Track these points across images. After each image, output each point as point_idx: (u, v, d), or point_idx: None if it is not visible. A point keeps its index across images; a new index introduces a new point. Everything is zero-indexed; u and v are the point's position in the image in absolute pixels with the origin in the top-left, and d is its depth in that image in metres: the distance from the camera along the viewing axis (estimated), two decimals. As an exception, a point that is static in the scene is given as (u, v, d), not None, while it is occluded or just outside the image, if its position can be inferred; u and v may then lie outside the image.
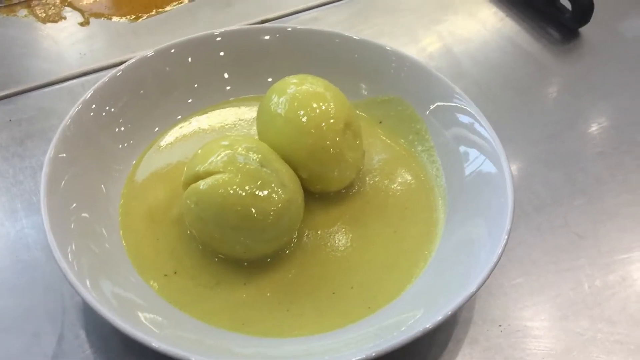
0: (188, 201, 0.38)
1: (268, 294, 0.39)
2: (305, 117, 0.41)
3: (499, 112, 0.52)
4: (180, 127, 0.47)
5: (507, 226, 0.37)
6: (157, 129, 0.46)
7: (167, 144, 0.46)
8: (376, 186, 0.45)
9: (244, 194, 0.37)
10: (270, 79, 0.47)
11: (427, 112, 0.46)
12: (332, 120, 0.41)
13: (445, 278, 0.38)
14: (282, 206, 0.38)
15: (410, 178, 0.45)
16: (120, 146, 0.44)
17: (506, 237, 0.37)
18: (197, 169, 0.39)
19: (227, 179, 0.37)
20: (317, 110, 0.41)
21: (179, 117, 0.47)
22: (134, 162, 0.44)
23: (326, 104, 0.41)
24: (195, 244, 0.40)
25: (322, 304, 0.38)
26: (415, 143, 0.47)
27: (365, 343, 0.35)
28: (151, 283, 0.38)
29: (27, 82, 0.53)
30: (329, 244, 0.41)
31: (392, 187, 0.45)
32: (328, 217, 0.43)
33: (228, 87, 0.49)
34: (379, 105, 0.49)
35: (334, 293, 0.39)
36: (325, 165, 0.41)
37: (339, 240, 0.41)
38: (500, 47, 0.59)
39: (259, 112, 0.44)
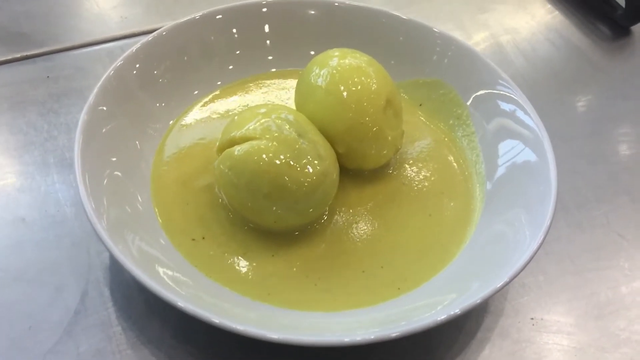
0: (222, 166, 0.38)
1: (295, 268, 0.38)
2: (346, 91, 0.40)
3: (543, 105, 0.50)
4: (219, 93, 0.47)
5: (548, 220, 0.36)
6: (196, 92, 0.46)
7: (205, 109, 0.45)
8: (413, 168, 0.44)
9: (278, 162, 0.36)
10: (312, 52, 0.47)
11: (471, 98, 0.45)
12: (373, 96, 0.40)
13: (478, 266, 0.37)
14: (316, 179, 0.37)
15: (448, 163, 0.44)
16: (159, 105, 0.44)
17: (546, 230, 0.35)
18: (233, 134, 0.38)
19: (262, 145, 0.36)
20: (359, 85, 0.40)
21: (219, 82, 0.47)
22: (171, 122, 0.44)
23: (369, 79, 0.40)
24: (225, 212, 0.39)
25: (351, 281, 0.37)
26: (456, 128, 0.45)
27: (390, 324, 0.34)
28: (179, 246, 0.38)
29: (67, 41, 0.53)
30: (360, 222, 0.40)
31: (429, 170, 0.43)
32: (361, 195, 0.42)
33: (270, 57, 0.48)
34: (420, 87, 0.48)
35: (363, 271, 0.38)
36: (363, 142, 0.40)
37: (371, 219, 0.40)
38: (548, 39, 0.57)
39: (298, 83, 0.43)
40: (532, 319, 0.38)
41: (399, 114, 0.42)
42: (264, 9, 0.48)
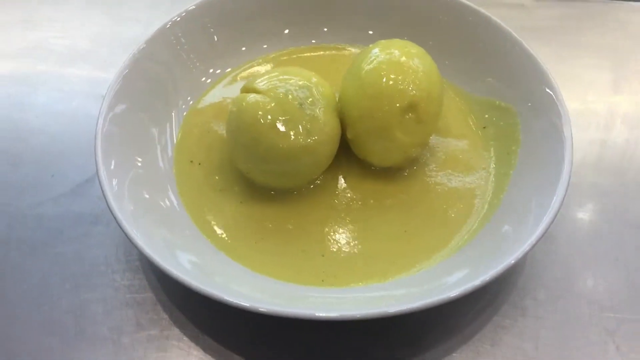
0: (234, 103, 0.40)
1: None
2: (372, 81, 0.39)
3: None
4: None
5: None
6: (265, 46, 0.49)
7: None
8: (426, 184, 0.41)
9: (262, 121, 0.38)
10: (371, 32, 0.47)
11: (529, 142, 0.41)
12: (395, 95, 0.38)
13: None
14: (293, 149, 0.38)
15: (467, 193, 0.41)
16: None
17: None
18: (255, 82, 0.40)
19: (261, 102, 0.38)
20: (386, 80, 0.38)
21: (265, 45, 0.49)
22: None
23: (400, 77, 0.38)
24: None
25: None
26: (498, 162, 0.42)
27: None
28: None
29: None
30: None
31: (441, 193, 0.41)
32: (360, 186, 0.41)
33: (325, 29, 0.49)
34: (494, 109, 0.44)
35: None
36: (369, 135, 0.39)
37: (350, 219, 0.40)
38: None
39: (354, 59, 0.43)
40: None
41: (425, 123, 0.39)
42: None
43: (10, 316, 0.38)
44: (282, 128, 0.38)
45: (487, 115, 0.44)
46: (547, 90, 0.40)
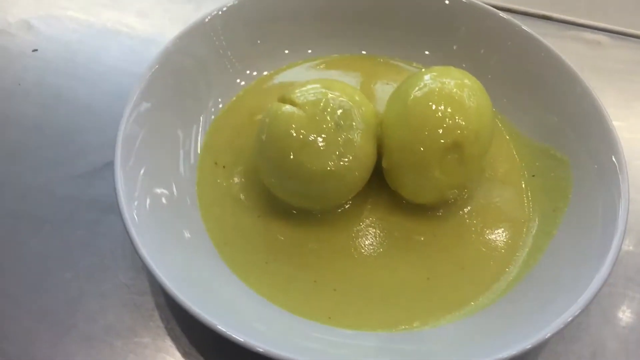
0: (267, 112, 0.37)
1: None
2: (419, 112, 0.36)
3: None
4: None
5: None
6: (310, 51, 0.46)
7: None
8: (459, 229, 0.38)
9: (295, 137, 0.35)
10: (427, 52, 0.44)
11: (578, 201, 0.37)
12: (439, 131, 0.35)
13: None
14: (321, 171, 0.35)
15: (500, 248, 0.37)
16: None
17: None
18: (293, 93, 0.37)
19: (296, 115, 0.36)
20: (433, 113, 0.35)
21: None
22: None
23: (449, 112, 0.35)
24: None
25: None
26: (543, 218, 0.38)
27: None
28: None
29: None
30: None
31: (480, 239, 0.38)
32: (397, 220, 0.38)
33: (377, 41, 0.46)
34: (547, 157, 0.40)
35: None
36: (404, 168, 0.36)
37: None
38: None
39: (403, 82, 0.39)
40: None
41: (467, 165, 0.36)
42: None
43: (4, 295, 0.37)
44: (312, 147, 0.35)
45: (538, 163, 0.40)
46: (613, 158, 0.36)
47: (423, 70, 0.38)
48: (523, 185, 0.40)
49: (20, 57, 0.48)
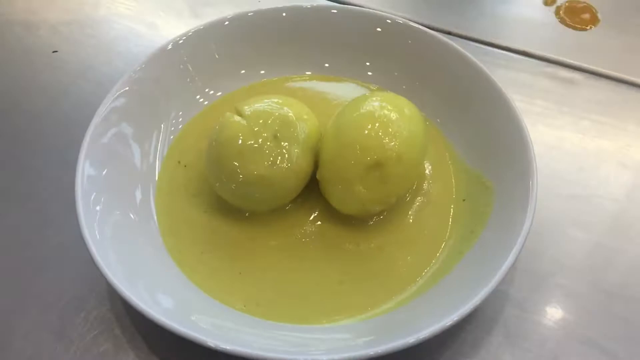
0: (219, 122, 0.42)
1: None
2: (348, 129, 0.40)
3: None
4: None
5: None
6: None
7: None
8: (387, 239, 0.41)
9: (232, 143, 0.39)
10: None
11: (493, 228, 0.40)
12: (362, 149, 0.39)
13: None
14: (255, 177, 0.39)
15: (420, 259, 0.40)
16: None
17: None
18: (244, 106, 0.41)
19: (238, 124, 0.40)
20: (360, 132, 0.39)
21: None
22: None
23: (375, 134, 0.39)
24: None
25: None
26: (459, 240, 0.41)
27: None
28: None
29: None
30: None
31: (398, 254, 0.41)
32: (330, 226, 0.42)
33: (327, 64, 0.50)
34: (479, 185, 0.43)
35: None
36: (332, 180, 0.40)
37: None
38: None
39: (349, 102, 0.43)
40: None
41: (388, 185, 0.39)
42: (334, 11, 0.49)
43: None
44: (246, 153, 0.39)
45: (470, 188, 0.43)
46: (530, 183, 0.39)
47: (367, 94, 0.42)
48: (452, 207, 0.43)
49: (41, 57, 0.56)
